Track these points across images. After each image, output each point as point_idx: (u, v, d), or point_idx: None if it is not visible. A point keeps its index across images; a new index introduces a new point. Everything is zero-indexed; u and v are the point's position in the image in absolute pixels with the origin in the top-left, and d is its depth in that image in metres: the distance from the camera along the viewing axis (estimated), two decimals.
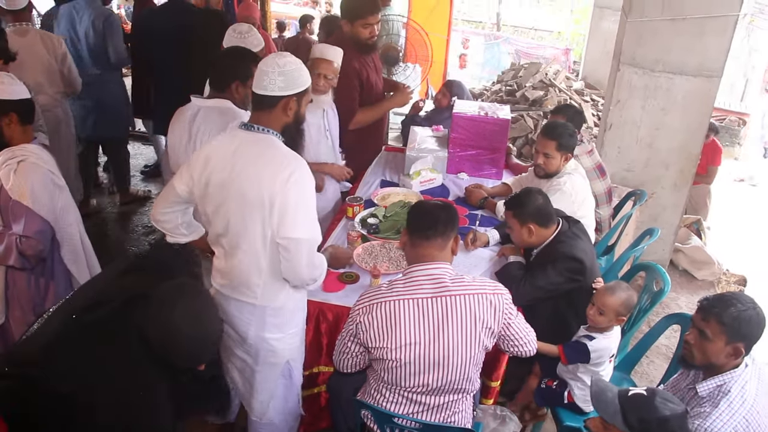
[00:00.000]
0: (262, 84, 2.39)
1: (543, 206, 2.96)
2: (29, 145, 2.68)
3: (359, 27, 3.96)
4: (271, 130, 2.42)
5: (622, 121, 4.63)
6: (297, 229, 2.35)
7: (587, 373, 2.83)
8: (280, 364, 2.68)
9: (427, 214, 2.39)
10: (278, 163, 2.33)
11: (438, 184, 4.10)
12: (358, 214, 3.54)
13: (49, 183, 2.67)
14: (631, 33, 4.40)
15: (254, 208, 2.35)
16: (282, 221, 2.33)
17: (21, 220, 2.56)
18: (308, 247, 2.39)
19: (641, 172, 4.72)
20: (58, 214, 2.71)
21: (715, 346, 2.23)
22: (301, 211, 2.36)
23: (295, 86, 2.41)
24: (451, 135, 4.26)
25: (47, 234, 2.65)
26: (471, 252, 3.33)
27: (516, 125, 6.85)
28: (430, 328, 2.29)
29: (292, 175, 2.31)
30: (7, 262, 2.62)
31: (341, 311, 2.81)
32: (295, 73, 2.41)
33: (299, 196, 2.34)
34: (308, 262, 2.41)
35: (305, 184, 2.37)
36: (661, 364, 4.02)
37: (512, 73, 8.66)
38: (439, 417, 2.45)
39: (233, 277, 2.52)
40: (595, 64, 9.07)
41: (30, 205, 2.56)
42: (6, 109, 2.58)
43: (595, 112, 7.51)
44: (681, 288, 4.99)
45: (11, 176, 2.55)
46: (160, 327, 1.73)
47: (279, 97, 2.40)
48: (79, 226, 2.89)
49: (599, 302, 2.78)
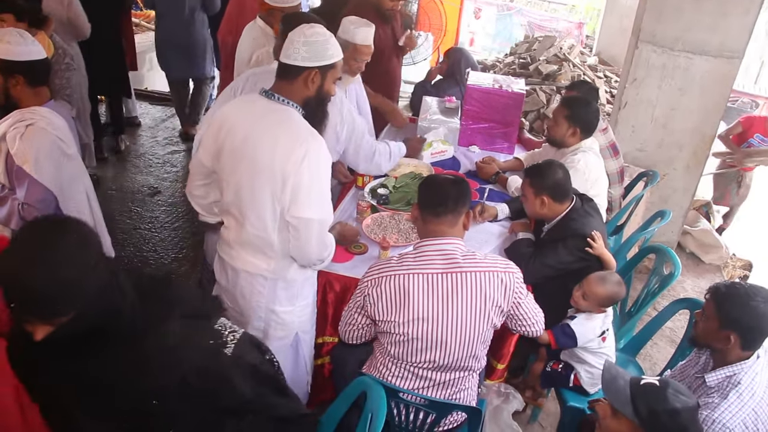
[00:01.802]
0: (287, 52, 2.32)
1: (561, 181, 2.92)
2: (40, 108, 2.57)
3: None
4: (292, 102, 2.34)
5: (638, 99, 4.54)
6: (309, 209, 2.30)
7: (593, 355, 2.81)
8: (290, 336, 2.66)
9: (437, 191, 2.35)
10: (294, 140, 2.27)
11: (449, 157, 4.05)
12: (368, 184, 3.50)
13: (56, 151, 2.57)
14: (652, 9, 4.29)
15: (265, 182, 2.30)
16: (294, 200, 2.29)
17: (23, 187, 2.49)
18: (319, 227, 2.35)
19: (654, 152, 4.66)
20: (64, 183, 2.62)
21: (709, 326, 2.25)
22: (314, 191, 2.31)
23: (320, 58, 2.32)
24: (464, 107, 4.19)
25: (49, 203, 2.57)
26: (482, 227, 3.28)
27: (528, 99, 6.75)
28: (439, 303, 2.27)
29: (307, 154, 2.25)
30: (10, 225, 2.56)
31: (349, 282, 2.79)
32: (322, 45, 2.32)
33: (313, 176, 2.29)
34: (318, 243, 2.38)
35: (320, 163, 2.32)
36: (665, 347, 4.01)
37: (526, 45, 8.52)
38: (445, 393, 2.44)
39: (243, 249, 2.48)
40: (610, 39, 8.92)
41: (32, 173, 2.48)
42: (11, 70, 2.48)
43: (608, 89, 7.40)
44: (687, 271, 4.95)
45: (17, 140, 2.47)
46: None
47: (301, 68, 2.31)
48: (89, 196, 2.82)
49: (586, 287, 2.76)
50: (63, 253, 1.42)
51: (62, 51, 3.58)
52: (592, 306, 2.76)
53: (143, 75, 7.37)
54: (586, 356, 2.83)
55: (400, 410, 2.37)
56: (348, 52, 3.12)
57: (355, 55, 3.24)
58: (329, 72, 2.38)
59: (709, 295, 2.30)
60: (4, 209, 2.54)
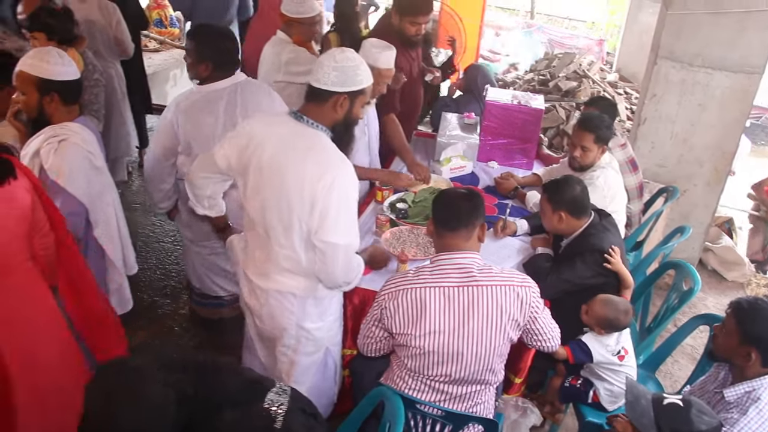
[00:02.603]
0: (317, 76, 2.34)
1: (579, 196, 2.93)
2: (72, 123, 2.66)
3: (407, 23, 3.87)
4: (321, 126, 2.37)
5: (657, 115, 4.54)
6: (335, 234, 2.32)
7: (613, 373, 2.81)
8: (320, 351, 2.69)
9: (449, 206, 2.37)
10: (323, 166, 2.29)
11: (468, 172, 4.07)
12: (387, 199, 3.53)
13: (87, 165, 2.66)
14: (671, 26, 4.30)
15: (293, 204, 2.32)
16: (321, 224, 2.31)
17: (57, 200, 2.57)
18: (345, 252, 2.38)
19: (674, 168, 4.64)
20: (94, 196, 2.70)
21: (729, 341, 2.25)
22: (342, 216, 2.33)
23: (350, 84, 2.34)
24: (483, 123, 4.22)
25: (80, 216, 2.66)
26: (504, 242, 3.30)
27: (548, 116, 6.75)
28: (455, 317, 2.28)
29: (335, 180, 2.28)
30: None
31: (367, 294, 2.81)
32: (352, 70, 2.34)
33: (341, 203, 2.31)
34: (344, 266, 2.40)
35: (348, 189, 2.35)
36: (686, 365, 3.98)
37: (545, 62, 8.55)
38: (462, 407, 2.45)
39: (272, 268, 2.50)
40: (631, 56, 8.91)
41: (66, 187, 2.57)
42: (48, 89, 2.57)
43: (628, 106, 7.38)
44: (709, 288, 4.91)
45: (51, 155, 2.55)
46: None
47: (331, 92, 2.34)
48: (116, 207, 2.89)
49: (591, 305, 2.78)
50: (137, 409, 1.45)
51: (92, 67, 3.68)
52: (592, 324, 2.77)
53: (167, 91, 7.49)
54: (605, 373, 2.82)
55: (417, 421, 2.39)
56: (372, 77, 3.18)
57: (378, 79, 3.26)
58: (358, 97, 2.40)
59: (731, 310, 2.29)
60: None
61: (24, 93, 2.57)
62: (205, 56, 3.03)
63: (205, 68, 3.05)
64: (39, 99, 2.58)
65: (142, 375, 1.50)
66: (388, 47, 3.29)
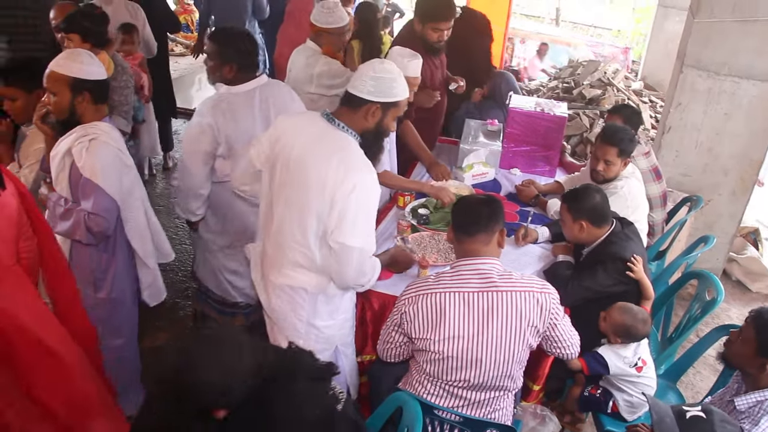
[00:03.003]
0: (355, 83, 2.40)
1: (599, 205, 2.92)
2: (101, 123, 2.72)
3: (429, 29, 3.89)
4: (351, 130, 2.41)
5: (682, 124, 4.51)
6: (351, 237, 2.35)
7: (632, 384, 2.79)
8: (330, 350, 2.70)
9: (468, 211, 2.39)
10: (347, 169, 2.32)
11: (490, 179, 4.07)
12: (409, 204, 3.54)
13: (118, 162, 2.72)
14: (697, 34, 4.27)
15: (314, 202, 2.36)
16: (338, 225, 2.34)
17: (90, 198, 2.62)
18: (359, 255, 2.39)
19: (699, 177, 4.60)
20: (125, 193, 2.76)
21: (745, 350, 2.23)
22: (360, 221, 2.36)
23: (384, 95, 2.38)
24: (506, 130, 4.22)
25: (114, 212, 2.71)
26: (525, 249, 3.30)
27: (571, 123, 6.73)
28: (475, 322, 2.29)
29: (357, 185, 2.31)
30: (74, 236, 2.69)
31: (387, 300, 2.82)
32: (388, 82, 2.38)
33: (360, 207, 2.34)
34: (356, 270, 2.41)
35: (369, 195, 2.38)
36: (708, 376, 3.93)
37: (570, 70, 8.52)
38: (480, 413, 2.45)
39: (286, 263, 2.53)
40: (656, 64, 8.86)
41: (100, 183, 2.61)
42: (80, 88, 2.62)
43: (653, 114, 7.33)
44: (733, 299, 4.86)
45: (83, 154, 2.61)
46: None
47: (364, 101, 2.38)
48: (144, 203, 2.94)
49: (609, 311, 2.77)
50: (229, 359, 1.64)
51: (121, 69, 3.75)
52: (608, 331, 2.76)
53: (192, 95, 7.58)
54: (624, 385, 2.81)
55: (434, 427, 2.39)
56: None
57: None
58: (391, 109, 2.44)
59: (751, 319, 2.27)
60: (68, 222, 2.66)
61: (56, 93, 2.62)
62: (228, 58, 3.07)
63: (229, 70, 3.09)
64: (71, 99, 2.63)
65: (226, 334, 1.70)
66: (415, 56, 3.31)
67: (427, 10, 3.91)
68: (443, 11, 3.89)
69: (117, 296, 2.93)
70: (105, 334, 2.95)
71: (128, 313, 3.07)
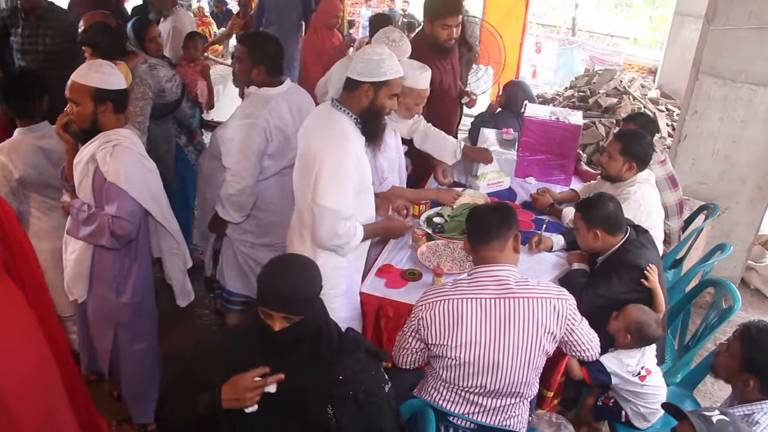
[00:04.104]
0: (350, 67, 2.66)
1: (613, 213, 2.92)
2: (121, 129, 2.78)
3: (438, 27, 3.98)
4: (349, 111, 2.69)
5: (698, 132, 4.50)
6: (326, 198, 2.60)
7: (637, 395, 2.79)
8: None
9: (480, 220, 2.43)
10: (327, 136, 2.65)
11: (506, 187, 4.09)
12: (424, 213, 3.57)
13: (141, 167, 2.78)
14: (713, 42, 4.27)
15: (304, 170, 2.70)
16: (314, 188, 2.62)
17: (114, 202, 2.67)
18: (332, 216, 2.62)
19: (715, 185, 4.59)
20: (149, 197, 2.82)
21: (730, 363, 2.27)
22: (333, 183, 2.60)
23: (373, 75, 2.61)
24: (521, 139, 4.23)
25: (137, 215, 2.76)
26: (541, 257, 3.30)
27: (587, 132, 6.73)
28: (492, 329, 2.30)
29: (332, 148, 2.61)
30: (98, 241, 2.73)
31: (402, 307, 2.84)
32: (376, 63, 2.61)
33: (332, 169, 2.59)
34: (329, 231, 2.65)
35: (341, 159, 2.62)
36: (725, 385, 3.87)
37: (586, 79, 8.51)
38: (495, 419, 2.46)
39: (291, 231, 2.90)
40: (672, 72, 8.82)
41: (124, 187, 2.67)
42: (104, 98, 2.69)
43: (669, 122, 7.31)
44: (752, 308, 4.82)
45: (107, 159, 2.67)
46: None
47: (357, 81, 2.63)
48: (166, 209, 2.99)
49: (624, 309, 2.77)
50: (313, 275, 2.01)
51: (139, 80, 3.80)
52: (620, 329, 2.74)
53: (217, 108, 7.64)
54: (628, 395, 2.80)
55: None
56: (411, 97, 3.32)
57: (417, 100, 3.37)
58: (383, 88, 2.66)
59: (738, 333, 2.26)
60: (91, 227, 2.71)
61: (78, 103, 2.68)
62: (258, 60, 3.17)
63: (258, 73, 3.19)
64: (93, 108, 2.69)
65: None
66: (425, 68, 3.38)
67: (434, 7, 4.01)
68: (449, 6, 3.99)
69: (139, 300, 2.98)
70: (126, 340, 3.01)
71: (150, 317, 3.12)
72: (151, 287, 3.06)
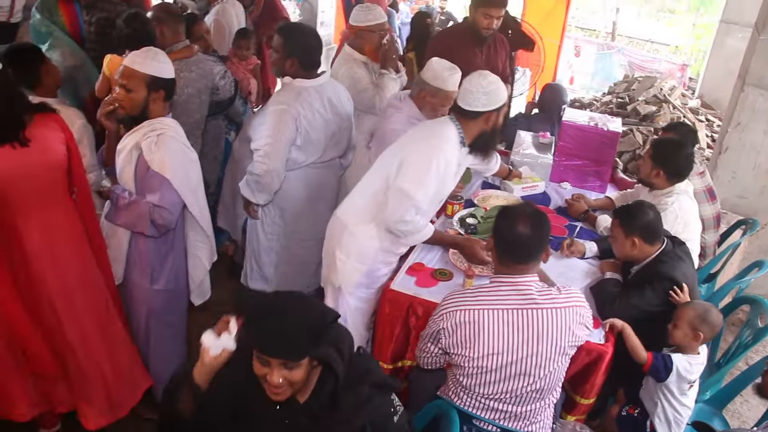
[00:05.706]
0: (467, 101, 2.83)
1: (652, 222, 2.87)
2: (166, 118, 2.79)
3: (480, 14, 4.08)
4: (462, 132, 2.91)
5: (740, 144, 4.41)
6: (404, 180, 2.80)
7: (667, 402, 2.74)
8: (334, 285, 3.03)
9: (519, 245, 2.31)
10: (431, 135, 2.90)
11: (540, 191, 4.04)
12: (457, 213, 3.54)
13: (184, 157, 2.79)
14: (762, 52, 4.17)
15: (394, 155, 2.93)
16: (399, 170, 2.82)
17: (158, 191, 2.68)
18: (407, 202, 2.80)
19: (755, 200, 4.49)
20: (191, 187, 2.83)
21: None
22: (419, 171, 2.80)
23: (497, 102, 2.84)
24: (558, 143, 4.19)
25: (179, 206, 2.77)
26: (573, 264, 3.25)
27: (624, 139, 6.63)
28: (515, 340, 2.28)
29: (431, 141, 2.86)
30: (137, 228, 2.75)
31: (431, 307, 2.79)
32: (495, 92, 2.83)
33: (423, 159, 2.81)
34: (398, 213, 2.82)
35: (434, 154, 2.81)
36: (756, 405, 3.82)
37: (625, 85, 8.39)
38: (517, 425, 2.43)
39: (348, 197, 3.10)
40: (715, 82, 8.66)
41: (169, 177, 2.68)
42: (158, 86, 2.69)
43: (709, 133, 7.17)
44: None
45: (152, 148, 2.67)
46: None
47: (483, 112, 2.83)
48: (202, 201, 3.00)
49: (675, 315, 2.70)
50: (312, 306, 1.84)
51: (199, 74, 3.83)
52: (687, 331, 2.66)
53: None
54: (663, 399, 2.75)
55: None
56: (438, 98, 3.39)
57: (444, 101, 3.39)
58: (502, 109, 2.91)
59: None
60: (132, 214, 2.72)
61: (132, 90, 2.68)
62: (292, 52, 3.18)
63: (291, 64, 3.20)
64: (146, 96, 2.70)
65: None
66: (455, 69, 3.40)
67: None
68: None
69: (172, 288, 3.00)
70: (156, 326, 3.04)
71: (181, 306, 3.14)
72: (184, 276, 3.07)
